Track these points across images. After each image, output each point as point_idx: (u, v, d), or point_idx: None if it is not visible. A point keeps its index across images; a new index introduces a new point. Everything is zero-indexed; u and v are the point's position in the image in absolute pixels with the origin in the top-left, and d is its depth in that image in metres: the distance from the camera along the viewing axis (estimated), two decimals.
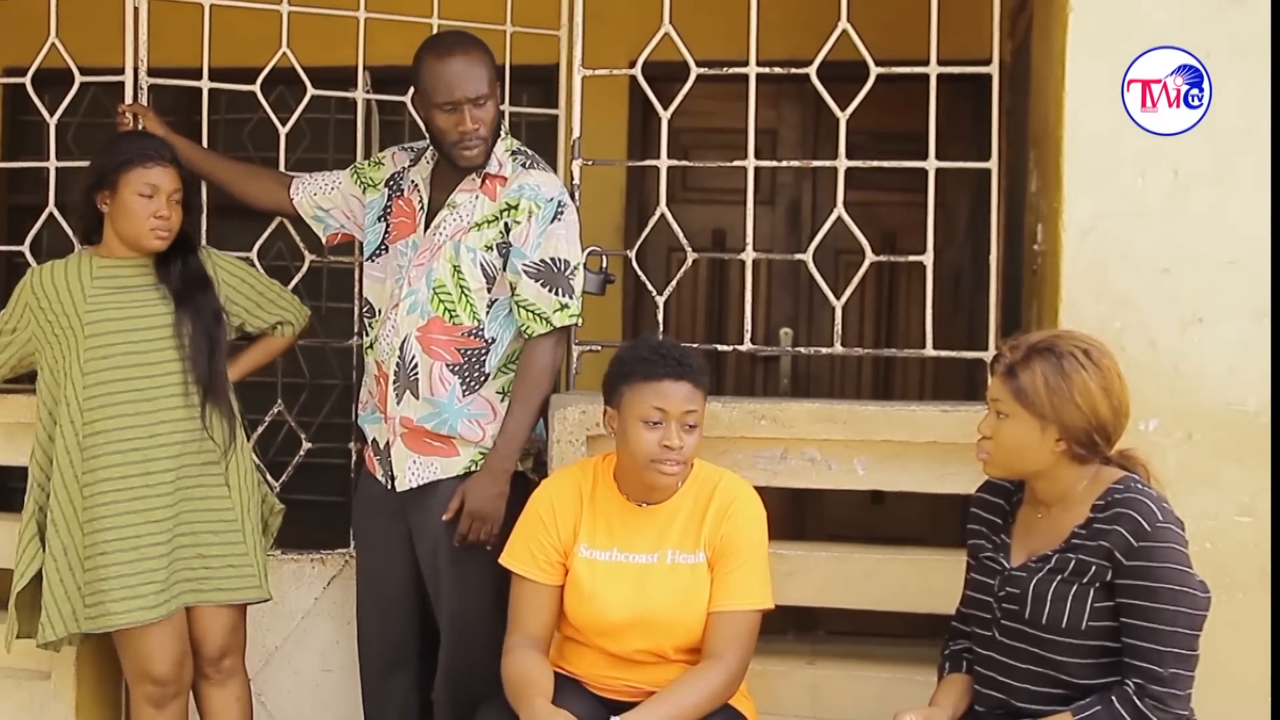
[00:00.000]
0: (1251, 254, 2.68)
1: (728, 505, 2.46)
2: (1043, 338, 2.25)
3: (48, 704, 3.06)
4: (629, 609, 2.42)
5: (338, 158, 4.36)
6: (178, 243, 2.85)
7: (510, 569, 2.51)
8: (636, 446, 2.39)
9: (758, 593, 2.44)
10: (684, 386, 2.40)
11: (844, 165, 2.98)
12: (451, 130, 2.72)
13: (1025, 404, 2.19)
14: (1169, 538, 2.13)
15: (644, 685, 2.43)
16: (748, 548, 2.44)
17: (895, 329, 4.57)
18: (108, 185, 2.79)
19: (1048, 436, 2.19)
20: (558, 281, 2.75)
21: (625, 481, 2.49)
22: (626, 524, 2.48)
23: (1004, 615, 2.26)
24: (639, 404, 2.39)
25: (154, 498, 2.75)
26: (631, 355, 2.47)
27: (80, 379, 2.76)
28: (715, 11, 3.31)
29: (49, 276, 2.84)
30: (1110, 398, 2.19)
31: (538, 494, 2.56)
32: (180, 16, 3.18)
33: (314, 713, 3.25)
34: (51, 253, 2.96)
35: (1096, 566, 2.15)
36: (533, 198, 2.75)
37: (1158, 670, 2.09)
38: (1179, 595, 2.10)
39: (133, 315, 2.79)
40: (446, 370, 2.76)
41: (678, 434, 2.39)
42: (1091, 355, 2.20)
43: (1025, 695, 2.23)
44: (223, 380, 2.85)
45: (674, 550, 2.45)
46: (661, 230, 3.14)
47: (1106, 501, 2.18)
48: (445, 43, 2.78)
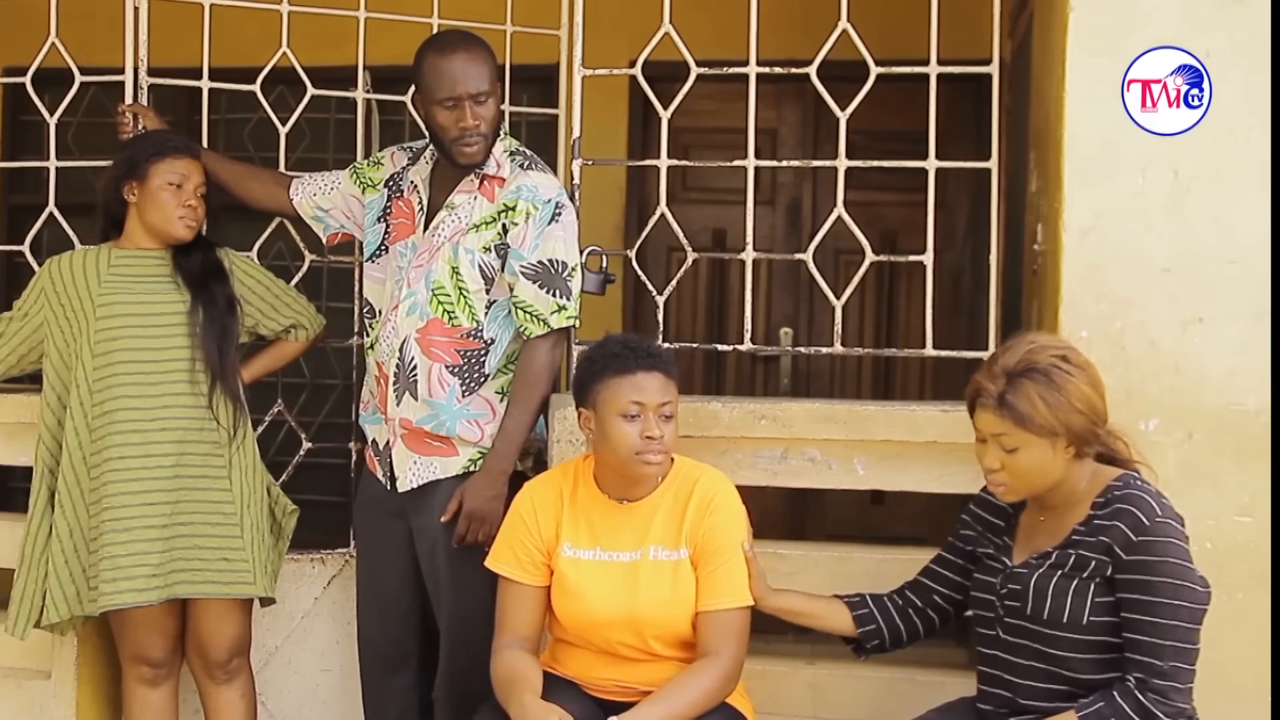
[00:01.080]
0: (1251, 254, 2.68)
1: (709, 501, 2.46)
2: (1018, 359, 2.21)
3: (48, 704, 3.06)
4: (615, 607, 2.42)
5: (338, 158, 4.36)
6: (196, 239, 2.91)
7: (495, 572, 2.51)
8: (618, 441, 2.40)
9: (743, 588, 2.44)
10: (657, 377, 2.42)
11: (844, 165, 2.97)
12: (452, 127, 2.72)
13: (1032, 428, 2.17)
14: (1168, 532, 2.14)
15: (637, 684, 2.43)
16: (730, 544, 2.44)
17: (895, 329, 4.57)
18: (137, 176, 2.85)
19: (1059, 448, 2.20)
20: (555, 283, 2.75)
21: (605, 480, 2.50)
22: (608, 522, 2.48)
23: (1007, 613, 2.27)
24: (616, 399, 2.40)
25: (152, 480, 2.76)
26: (600, 353, 2.48)
27: (90, 361, 2.79)
28: (715, 11, 3.31)
29: (67, 264, 2.90)
30: (1099, 389, 2.22)
31: (520, 497, 2.57)
32: (180, 16, 3.18)
33: (314, 713, 3.25)
34: (51, 252, 2.97)
35: (1096, 562, 2.16)
36: (530, 199, 2.75)
37: (1158, 664, 2.09)
38: (1179, 589, 2.11)
39: (145, 301, 2.83)
40: (446, 372, 2.76)
41: (657, 424, 2.40)
42: (1070, 359, 2.21)
43: (1029, 692, 2.24)
44: (232, 367, 2.87)
45: (656, 546, 2.45)
46: (661, 230, 3.15)
47: (1106, 498, 2.20)
48: (448, 40, 2.78)
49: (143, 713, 2.91)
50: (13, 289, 4.87)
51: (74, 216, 3.23)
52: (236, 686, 2.93)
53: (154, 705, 2.91)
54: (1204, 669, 2.15)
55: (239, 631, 2.90)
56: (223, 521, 2.82)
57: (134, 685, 2.91)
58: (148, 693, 2.90)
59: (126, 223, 2.90)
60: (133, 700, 2.92)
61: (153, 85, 3.18)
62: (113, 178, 2.90)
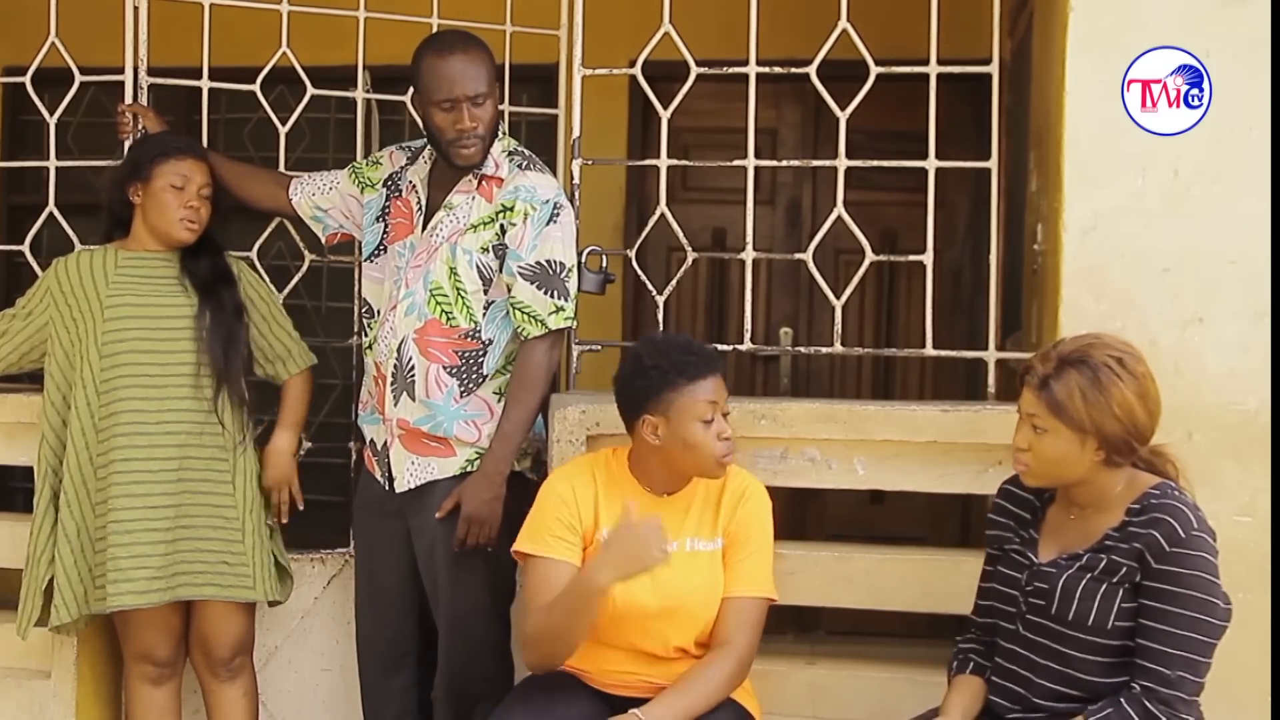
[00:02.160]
0: (1251, 254, 2.68)
1: (741, 492, 2.51)
2: (1075, 348, 2.21)
3: (48, 704, 3.06)
4: (657, 597, 2.41)
5: (338, 157, 4.35)
6: (205, 243, 2.91)
7: (528, 553, 2.46)
8: (703, 446, 2.42)
9: (768, 581, 2.48)
10: (719, 378, 2.46)
11: (844, 165, 2.98)
12: (449, 128, 2.72)
13: (1063, 418, 2.17)
14: (1201, 546, 2.12)
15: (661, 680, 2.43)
16: (759, 536, 2.49)
17: (895, 329, 4.57)
18: (141, 177, 2.86)
19: (1087, 447, 2.18)
20: (553, 284, 2.74)
21: (650, 474, 2.49)
22: (648, 514, 2.46)
23: (1030, 610, 2.25)
24: (693, 405, 2.41)
25: (155, 483, 2.77)
26: (666, 361, 2.44)
27: (97, 361, 2.79)
28: (715, 11, 3.31)
29: (74, 264, 2.90)
30: (1147, 403, 2.18)
31: (553, 479, 2.55)
32: (180, 16, 3.18)
33: (314, 712, 3.25)
34: (52, 252, 2.97)
35: (1127, 567, 2.15)
36: (528, 200, 2.74)
37: (1165, 672, 2.09)
38: (1202, 603, 2.10)
39: (152, 303, 2.84)
40: (443, 372, 2.76)
41: (726, 424, 2.45)
42: (1125, 363, 2.18)
43: (1043, 692, 2.23)
44: (238, 372, 2.88)
45: (693, 538, 2.47)
46: (661, 230, 3.15)
47: (1142, 505, 2.17)
48: (445, 41, 2.77)
49: (146, 711, 2.92)
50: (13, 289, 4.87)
51: (74, 216, 3.23)
52: (239, 685, 2.94)
53: (157, 704, 2.92)
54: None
55: (242, 630, 2.92)
56: (225, 525, 2.83)
57: (137, 684, 2.92)
58: (151, 691, 2.91)
59: (133, 224, 2.91)
60: (136, 698, 2.93)
61: (153, 85, 3.18)
62: (117, 178, 2.91)
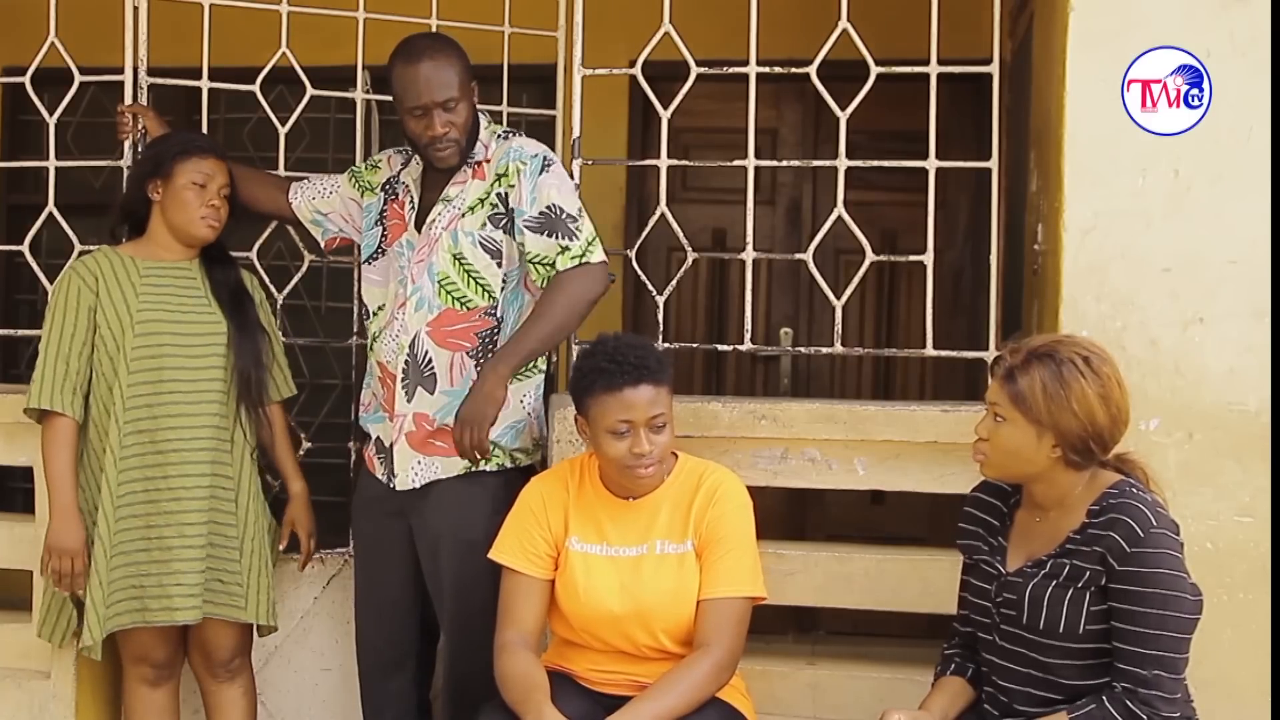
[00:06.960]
0: (1251, 254, 2.68)
1: (714, 492, 2.46)
2: (1044, 342, 2.23)
3: (48, 704, 3.06)
4: (622, 601, 2.42)
5: (338, 158, 4.36)
6: (220, 252, 2.92)
7: (500, 563, 2.50)
8: (610, 455, 2.41)
9: (746, 580, 2.43)
10: (645, 391, 2.38)
11: (844, 165, 2.97)
12: (422, 134, 2.73)
13: (1022, 409, 2.18)
14: (1162, 543, 2.12)
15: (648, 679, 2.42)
16: (735, 535, 2.44)
17: (895, 329, 4.57)
18: (162, 174, 2.84)
19: (1044, 443, 2.18)
20: (558, 227, 2.72)
21: (609, 479, 2.50)
22: (613, 518, 2.48)
23: (1003, 620, 2.25)
24: (603, 415, 2.39)
25: (191, 500, 2.77)
26: (589, 365, 2.44)
27: (126, 377, 2.76)
28: (715, 11, 3.31)
29: (95, 267, 2.82)
30: (1108, 406, 2.18)
31: (527, 490, 2.57)
32: (180, 16, 3.18)
33: (314, 712, 3.25)
34: (51, 252, 2.96)
35: (1091, 571, 2.15)
36: (517, 157, 2.75)
37: (1141, 673, 2.09)
38: (1169, 600, 2.09)
39: (181, 320, 2.82)
40: (465, 358, 2.76)
41: (646, 439, 2.38)
42: (1091, 363, 2.18)
43: (1023, 698, 2.23)
44: (260, 390, 2.88)
45: (662, 540, 2.45)
46: (661, 230, 3.15)
47: (1101, 506, 2.17)
48: (414, 47, 2.76)
49: (144, 712, 2.92)
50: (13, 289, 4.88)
51: (73, 216, 3.22)
52: (238, 685, 2.95)
53: (156, 705, 2.92)
54: (1204, 669, 2.15)
55: (241, 632, 2.92)
56: (223, 544, 2.83)
57: (136, 685, 2.92)
58: (149, 692, 2.91)
59: (150, 223, 2.89)
60: (134, 699, 2.93)
61: (152, 85, 3.18)
62: (137, 175, 2.90)
